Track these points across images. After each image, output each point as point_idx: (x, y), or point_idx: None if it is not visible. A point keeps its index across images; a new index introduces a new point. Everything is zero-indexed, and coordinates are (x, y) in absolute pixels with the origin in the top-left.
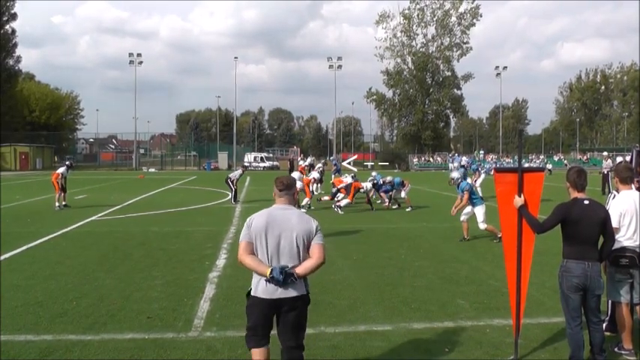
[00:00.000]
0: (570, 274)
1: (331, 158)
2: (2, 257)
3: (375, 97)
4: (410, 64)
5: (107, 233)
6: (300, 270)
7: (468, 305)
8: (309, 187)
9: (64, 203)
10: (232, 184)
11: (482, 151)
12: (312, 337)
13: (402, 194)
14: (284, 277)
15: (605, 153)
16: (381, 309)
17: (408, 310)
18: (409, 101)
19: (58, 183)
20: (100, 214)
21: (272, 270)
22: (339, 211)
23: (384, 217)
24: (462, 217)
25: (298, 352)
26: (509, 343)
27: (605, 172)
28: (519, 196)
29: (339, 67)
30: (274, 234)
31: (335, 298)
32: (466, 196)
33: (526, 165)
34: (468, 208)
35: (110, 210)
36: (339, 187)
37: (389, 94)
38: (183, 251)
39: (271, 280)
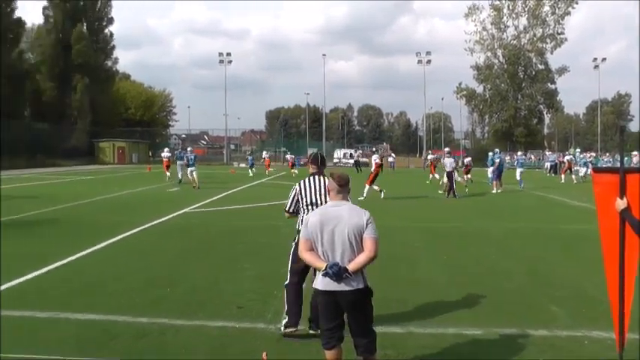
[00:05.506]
0: None
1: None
2: (100, 245)
3: (464, 92)
4: (500, 58)
5: (198, 225)
6: (351, 266)
7: (563, 312)
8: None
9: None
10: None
11: (578, 149)
12: (399, 337)
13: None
14: (336, 272)
15: None
16: (469, 312)
17: (498, 314)
18: (500, 97)
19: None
20: (192, 207)
21: (326, 265)
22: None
23: (465, 217)
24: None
25: (364, 339)
26: (612, 358)
27: None
28: (621, 199)
29: (428, 62)
30: (328, 230)
31: (422, 298)
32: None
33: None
34: None
35: (203, 202)
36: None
37: (479, 89)
38: (273, 245)
39: (326, 274)
